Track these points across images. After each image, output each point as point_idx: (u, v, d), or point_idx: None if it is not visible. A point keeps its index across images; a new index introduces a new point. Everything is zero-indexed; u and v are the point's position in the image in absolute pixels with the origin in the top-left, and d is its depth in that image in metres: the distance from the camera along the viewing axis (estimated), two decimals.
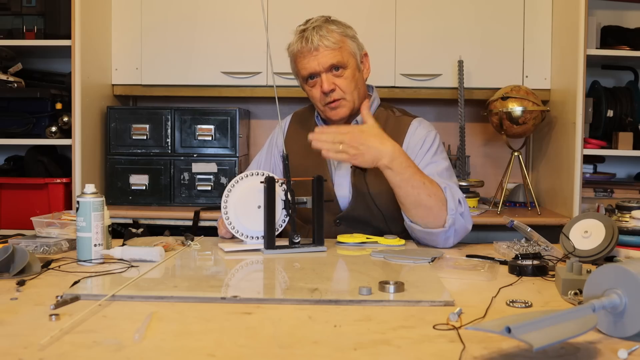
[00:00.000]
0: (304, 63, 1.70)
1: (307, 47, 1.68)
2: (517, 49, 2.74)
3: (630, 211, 1.50)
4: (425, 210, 1.56)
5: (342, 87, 1.70)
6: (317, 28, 1.69)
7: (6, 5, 2.61)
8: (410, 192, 1.55)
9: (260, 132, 3.03)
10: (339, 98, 1.71)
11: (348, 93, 1.71)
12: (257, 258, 1.47)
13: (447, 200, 1.57)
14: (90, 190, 1.38)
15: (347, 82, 1.70)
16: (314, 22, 1.72)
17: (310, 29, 1.69)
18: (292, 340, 0.89)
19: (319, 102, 1.73)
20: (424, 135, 1.75)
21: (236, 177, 1.61)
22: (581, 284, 1.02)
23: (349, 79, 1.71)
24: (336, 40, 1.69)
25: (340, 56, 1.69)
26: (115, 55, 2.83)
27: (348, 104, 1.72)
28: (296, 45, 1.71)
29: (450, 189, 1.59)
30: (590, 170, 2.81)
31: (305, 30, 1.70)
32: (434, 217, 1.56)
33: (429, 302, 1.07)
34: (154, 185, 2.67)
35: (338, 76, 1.70)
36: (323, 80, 1.69)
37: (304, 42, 1.68)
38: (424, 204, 1.55)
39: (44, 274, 1.27)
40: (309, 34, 1.68)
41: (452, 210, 1.56)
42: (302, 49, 1.69)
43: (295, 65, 1.76)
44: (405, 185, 1.55)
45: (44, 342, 0.85)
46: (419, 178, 1.55)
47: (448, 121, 2.96)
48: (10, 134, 2.58)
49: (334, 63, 1.68)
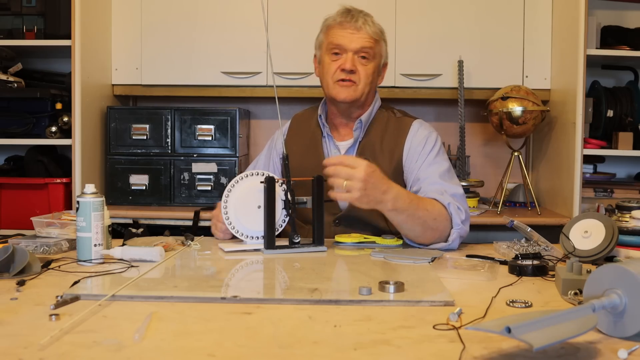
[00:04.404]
0: (340, 35, 1.72)
1: (350, 23, 1.72)
2: (517, 49, 2.74)
3: (630, 211, 1.50)
4: (432, 232, 1.55)
5: (361, 73, 1.73)
6: (364, 14, 1.74)
7: (6, 5, 2.61)
8: (416, 224, 1.52)
9: (260, 132, 3.03)
10: (354, 80, 1.73)
11: (363, 81, 1.73)
12: (257, 258, 1.47)
13: (452, 216, 1.56)
14: (90, 190, 1.38)
15: (366, 72, 1.74)
16: (359, 9, 1.76)
17: (357, 11, 1.74)
18: (292, 340, 0.89)
19: (332, 76, 1.74)
20: (426, 136, 1.76)
21: (236, 177, 1.61)
22: (581, 284, 1.02)
23: (369, 71, 1.74)
24: (376, 33, 1.74)
25: (373, 47, 1.73)
26: (115, 55, 2.83)
27: (358, 91, 1.73)
28: (338, 18, 1.74)
29: (454, 201, 1.58)
30: (590, 170, 2.81)
31: (352, 10, 1.75)
32: (440, 235, 1.56)
33: (429, 302, 1.07)
34: (154, 185, 2.67)
35: (362, 64, 1.73)
36: (348, 58, 1.71)
37: (350, 17, 1.73)
38: (430, 228, 1.54)
39: (44, 274, 1.27)
40: (356, 14, 1.73)
41: (457, 225, 1.57)
42: (343, 22, 1.72)
43: (326, 34, 1.77)
44: (410, 220, 1.52)
45: (44, 342, 0.85)
46: (422, 206, 1.52)
47: (448, 121, 2.96)
48: (10, 134, 2.58)
49: (365, 47, 1.71)
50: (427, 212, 1.52)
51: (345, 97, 1.73)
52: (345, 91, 1.72)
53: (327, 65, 1.75)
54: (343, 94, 1.73)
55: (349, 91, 1.72)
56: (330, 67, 1.74)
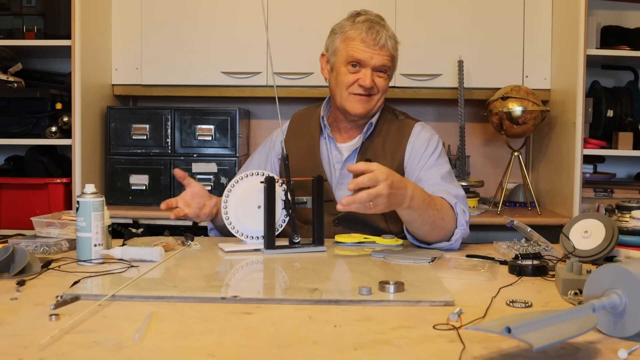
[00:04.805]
0: (360, 51, 1.69)
1: (373, 40, 1.68)
2: (517, 49, 2.74)
3: (630, 211, 1.50)
4: (439, 231, 1.55)
5: (378, 85, 1.72)
6: (384, 26, 1.71)
7: (6, 5, 2.61)
8: (426, 222, 1.51)
9: (260, 132, 3.03)
10: (372, 94, 1.73)
11: (379, 93, 1.74)
12: (257, 258, 1.47)
13: (458, 216, 1.57)
14: (90, 190, 1.38)
15: (383, 86, 1.74)
16: (375, 16, 1.73)
17: (378, 24, 1.70)
18: (292, 340, 0.89)
19: (347, 87, 1.72)
20: (428, 138, 1.76)
21: (236, 177, 1.61)
22: (581, 284, 1.02)
23: (385, 85, 1.74)
24: (395, 47, 1.73)
25: (391, 62, 1.73)
26: (115, 55, 2.83)
27: (373, 104, 1.74)
28: (360, 31, 1.69)
29: (460, 202, 1.59)
30: (590, 170, 2.81)
31: (372, 22, 1.70)
32: (445, 234, 1.56)
33: (429, 302, 1.07)
34: (154, 185, 2.67)
35: (379, 76, 1.72)
36: (367, 75, 1.69)
37: (372, 33, 1.68)
38: (438, 227, 1.54)
39: (44, 274, 1.27)
40: (379, 29, 1.69)
41: (462, 226, 1.57)
42: (366, 38, 1.68)
43: (345, 44, 1.71)
44: (421, 218, 1.50)
45: (44, 342, 0.85)
46: (433, 205, 1.51)
47: (448, 121, 2.96)
48: (10, 134, 2.58)
49: (385, 65, 1.71)
50: (436, 212, 1.52)
51: (360, 112, 1.73)
52: (361, 106, 1.72)
53: (344, 76, 1.72)
54: (359, 108, 1.73)
55: (365, 106, 1.73)
56: (346, 79, 1.72)
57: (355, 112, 1.73)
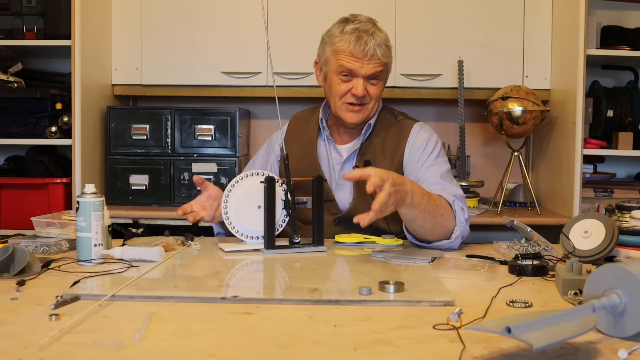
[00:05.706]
0: (350, 62, 1.67)
1: (361, 51, 1.65)
2: (517, 49, 2.74)
3: (630, 211, 1.50)
4: (439, 228, 1.55)
5: (371, 93, 1.72)
6: (373, 35, 1.67)
7: (6, 5, 2.61)
8: (427, 219, 1.51)
9: (260, 132, 3.03)
10: (365, 103, 1.72)
11: (373, 101, 1.73)
12: (257, 258, 1.47)
13: (457, 214, 1.57)
14: (90, 190, 1.38)
15: (377, 92, 1.73)
16: (364, 22, 1.69)
17: (365, 33, 1.66)
18: (292, 340, 0.89)
19: (340, 97, 1.72)
20: (427, 138, 1.77)
21: (236, 177, 1.61)
22: (581, 284, 1.02)
23: (379, 90, 1.73)
24: (386, 54, 1.70)
25: (382, 69, 1.71)
26: (115, 55, 2.83)
27: (367, 111, 1.73)
28: (348, 43, 1.66)
29: (458, 200, 1.59)
30: (590, 170, 2.81)
31: (360, 31, 1.66)
32: (445, 232, 1.56)
33: (429, 302, 1.07)
34: (154, 185, 2.67)
35: (371, 84, 1.71)
36: (359, 85, 1.68)
37: (360, 44, 1.65)
38: (438, 224, 1.54)
39: (44, 274, 1.27)
40: (367, 38, 1.66)
41: (461, 223, 1.57)
42: (354, 50, 1.66)
43: (334, 55, 1.70)
44: (422, 215, 1.50)
45: (44, 342, 0.85)
46: (432, 202, 1.51)
47: (448, 121, 2.96)
48: (10, 134, 2.58)
49: (376, 72, 1.69)
50: (436, 207, 1.52)
51: (355, 122, 1.74)
52: (355, 116, 1.73)
53: (336, 85, 1.72)
54: (353, 118, 1.73)
55: (359, 116, 1.73)
56: (339, 88, 1.71)
57: (349, 121, 1.74)
